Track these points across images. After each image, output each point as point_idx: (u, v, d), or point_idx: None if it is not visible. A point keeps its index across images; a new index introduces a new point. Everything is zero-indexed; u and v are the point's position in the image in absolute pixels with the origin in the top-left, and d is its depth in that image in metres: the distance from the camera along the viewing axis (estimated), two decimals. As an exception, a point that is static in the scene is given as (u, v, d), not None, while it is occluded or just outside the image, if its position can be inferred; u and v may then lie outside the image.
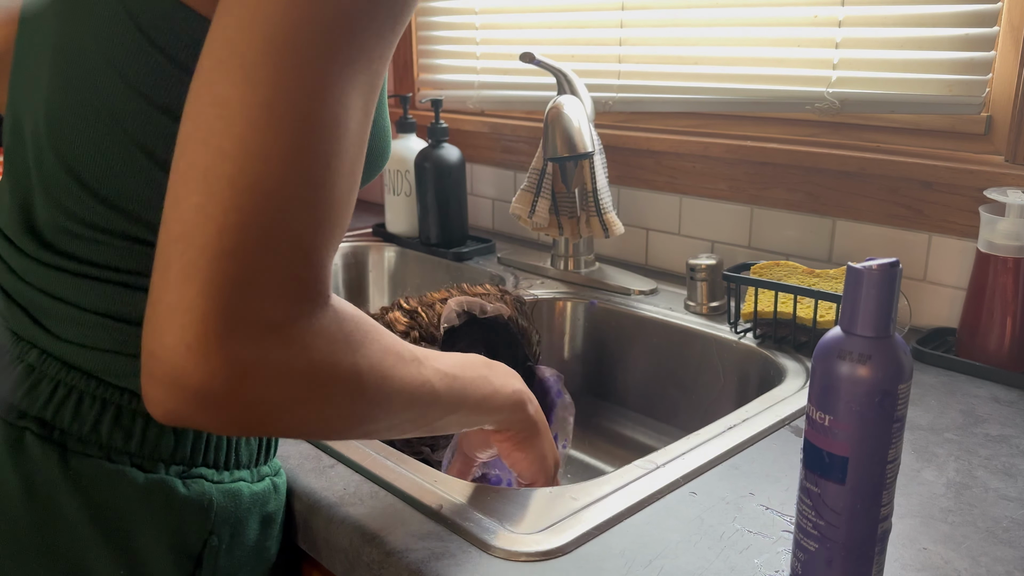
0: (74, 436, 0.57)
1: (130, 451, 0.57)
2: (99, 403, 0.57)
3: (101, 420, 0.57)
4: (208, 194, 0.40)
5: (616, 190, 1.32)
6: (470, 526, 0.61)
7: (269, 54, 0.40)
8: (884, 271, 0.48)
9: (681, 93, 1.23)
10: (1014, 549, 0.59)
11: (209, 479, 0.60)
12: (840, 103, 1.06)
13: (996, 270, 0.89)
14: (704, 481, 0.68)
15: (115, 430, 0.57)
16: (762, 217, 1.17)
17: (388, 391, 0.50)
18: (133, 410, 0.57)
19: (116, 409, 0.57)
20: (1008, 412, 0.81)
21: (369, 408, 0.49)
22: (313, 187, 0.42)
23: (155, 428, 0.58)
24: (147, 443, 0.57)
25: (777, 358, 0.95)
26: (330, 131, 0.42)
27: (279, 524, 0.66)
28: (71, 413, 0.57)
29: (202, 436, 0.60)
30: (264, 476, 0.65)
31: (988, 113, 0.97)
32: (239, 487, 0.62)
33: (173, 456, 0.58)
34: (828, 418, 0.51)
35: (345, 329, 0.46)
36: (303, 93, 0.41)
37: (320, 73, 0.41)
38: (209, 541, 0.60)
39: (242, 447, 0.63)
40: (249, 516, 0.62)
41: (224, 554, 0.61)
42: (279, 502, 0.66)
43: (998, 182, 0.94)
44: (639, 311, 1.11)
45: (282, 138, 0.41)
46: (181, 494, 0.58)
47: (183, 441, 0.59)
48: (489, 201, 1.55)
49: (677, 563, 0.57)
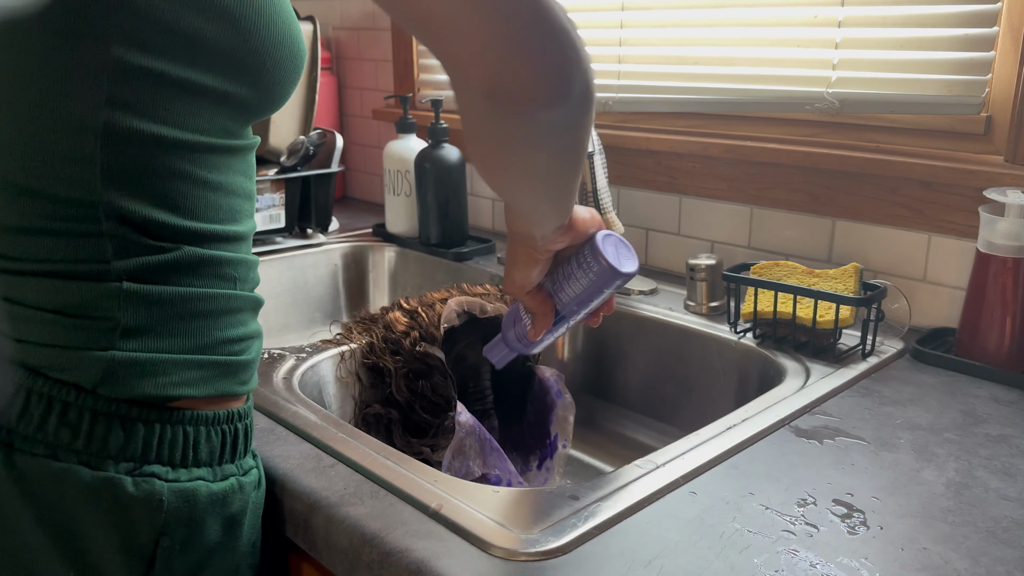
0: (20, 435, 0.56)
1: (77, 448, 0.56)
2: (45, 400, 0.56)
3: (47, 418, 0.56)
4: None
5: (616, 190, 1.32)
6: (470, 526, 0.61)
7: None
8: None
9: (681, 93, 1.22)
10: (1014, 549, 0.59)
11: (161, 477, 0.58)
12: (840, 103, 1.06)
13: (996, 270, 0.89)
14: (704, 481, 0.68)
15: (61, 427, 0.56)
16: (762, 217, 1.17)
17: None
18: (79, 406, 0.56)
19: (62, 406, 0.56)
20: (1008, 412, 0.81)
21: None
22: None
23: (102, 425, 0.56)
24: (94, 440, 0.56)
25: (777, 358, 0.95)
26: None
27: (247, 525, 0.64)
28: (18, 411, 0.56)
29: (154, 432, 0.58)
30: (228, 476, 0.62)
31: (988, 113, 0.97)
32: (195, 487, 0.60)
33: (123, 452, 0.57)
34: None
35: None
36: None
37: None
38: (161, 542, 0.58)
39: (201, 444, 0.60)
40: (206, 516, 0.60)
41: (179, 555, 0.59)
42: (244, 502, 0.64)
43: (998, 182, 0.94)
44: (639, 311, 1.11)
45: None
46: (129, 493, 0.56)
47: (133, 438, 0.57)
48: (489, 201, 1.55)
49: (677, 563, 0.57)
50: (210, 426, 0.61)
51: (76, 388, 0.56)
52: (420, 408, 0.89)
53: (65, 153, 0.55)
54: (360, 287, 1.47)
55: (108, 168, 0.55)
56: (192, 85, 0.56)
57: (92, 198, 0.55)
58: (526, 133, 0.48)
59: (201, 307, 0.59)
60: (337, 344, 0.98)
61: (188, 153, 0.57)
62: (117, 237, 0.56)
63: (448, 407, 0.88)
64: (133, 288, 0.57)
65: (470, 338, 0.97)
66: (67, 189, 0.55)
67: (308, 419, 0.79)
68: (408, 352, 0.91)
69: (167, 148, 0.56)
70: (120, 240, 0.56)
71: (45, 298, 0.57)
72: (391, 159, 1.44)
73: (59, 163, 0.55)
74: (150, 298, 0.57)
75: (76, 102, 0.53)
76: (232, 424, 0.63)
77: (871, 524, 0.62)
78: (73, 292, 0.56)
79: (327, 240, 1.45)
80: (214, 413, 0.61)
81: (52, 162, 0.55)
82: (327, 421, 0.79)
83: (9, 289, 0.58)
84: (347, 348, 0.97)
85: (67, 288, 0.56)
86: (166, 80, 0.55)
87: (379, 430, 0.91)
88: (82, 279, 0.56)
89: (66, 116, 0.54)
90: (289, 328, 1.36)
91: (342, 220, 1.59)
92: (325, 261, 1.42)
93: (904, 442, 0.75)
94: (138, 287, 0.57)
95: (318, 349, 0.98)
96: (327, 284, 1.43)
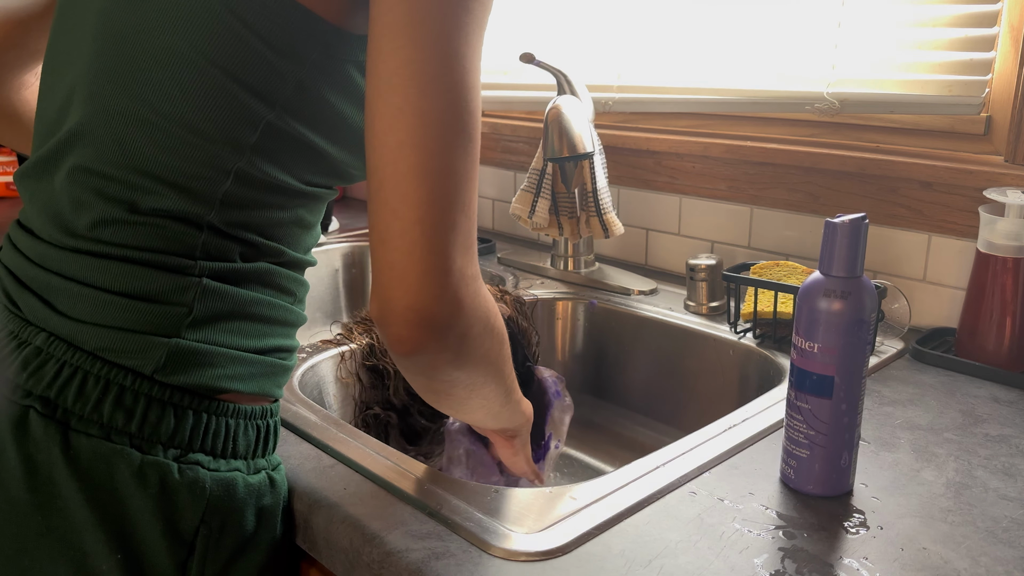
0: (76, 415, 0.58)
1: (130, 431, 0.58)
2: (102, 383, 0.58)
3: (103, 400, 0.58)
4: (411, 180, 0.52)
5: (616, 190, 1.32)
6: (470, 526, 0.61)
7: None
8: (855, 223, 0.61)
9: (681, 93, 1.23)
10: (1014, 549, 0.59)
11: (205, 466, 0.60)
12: (840, 103, 1.06)
13: (995, 270, 0.89)
14: (704, 481, 0.69)
15: (116, 410, 0.58)
16: (762, 217, 1.17)
17: (504, 340, 0.62)
18: (135, 391, 0.58)
19: (119, 389, 0.58)
20: (1008, 412, 0.81)
21: (502, 349, 0.62)
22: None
23: (156, 410, 0.58)
24: (147, 424, 0.58)
25: (777, 358, 0.95)
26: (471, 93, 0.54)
27: (277, 520, 0.66)
28: (75, 392, 0.58)
29: (201, 421, 0.60)
30: (260, 469, 0.65)
31: (988, 113, 0.97)
32: (234, 477, 0.62)
33: (172, 439, 0.59)
34: (816, 346, 0.63)
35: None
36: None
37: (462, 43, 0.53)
38: (201, 529, 0.60)
39: (239, 437, 0.63)
40: (245, 507, 0.63)
41: (216, 543, 0.61)
42: (276, 498, 0.66)
43: (997, 182, 0.94)
44: (639, 311, 1.11)
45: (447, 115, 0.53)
46: (175, 478, 0.59)
47: (182, 424, 0.59)
48: (489, 201, 1.55)
49: (677, 563, 0.57)
50: (248, 420, 0.64)
51: (133, 372, 0.58)
52: (418, 412, 0.90)
53: (196, 172, 0.58)
54: (360, 287, 1.47)
55: (227, 196, 0.59)
56: (321, 149, 0.62)
57: (202, 212, 0.59)
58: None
59: (264, 313, 0.63)
60: (337, 344, 0.98)
61: (296, 198, 0.64)
62: (209, 244, 0.60)
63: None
64: (212, 285, 0.60)
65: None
66: (185, 202, 0.58)
67: (308, 419, 0.79)
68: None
69: (282, 191, 0.62)
70: (211, 247, 0.60)
71: (122, 282, 0.58)
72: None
73: (187, 178, 0.58)
74: (224, 296, 0.60)
75: (225, 145, 0.58)
76: (265, 420, 0.66)
77: (871, 524, 0.62)
78: (154, 280, 0.58)
79: (327, 240, 1.45)
80: (251, 408, 0.64)
81: (180, 174, 0.58)
82: (327, 421, 0.79)
83: (82, 270, 0.59)
84: (347, 348, 0.97)
85: (149, 275, 0.58)
86: (303, 141, 0.61)
87: (379, 432, 0.91)
88: (167, 270, 0.59)
89: (211, 151, 0.58)
90: (289, 328, 1.36)
91: (342, 220, 1.59)
92: (325, 261, 1.42)
93: (904, 442, 0.75)
94: (216, 285, 0.60)
95: (318, 349, 0.98)
96: (327, 284, 1.43)
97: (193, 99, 0.57)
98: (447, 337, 0.54)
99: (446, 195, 0.52)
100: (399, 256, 0.52)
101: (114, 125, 0.58)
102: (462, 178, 0.53)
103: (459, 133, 0.53)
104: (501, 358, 0.63)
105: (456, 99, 0.53)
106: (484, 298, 0.57)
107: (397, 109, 0.52)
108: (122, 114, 0.58)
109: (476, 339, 0.57)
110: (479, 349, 0.58)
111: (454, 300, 0.53)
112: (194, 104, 0.57)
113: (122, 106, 0.58)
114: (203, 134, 0.57)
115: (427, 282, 0.52)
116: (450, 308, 0.53)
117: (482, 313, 0.57)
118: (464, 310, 0.54)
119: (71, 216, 0.60)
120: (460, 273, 0.54)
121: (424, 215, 0.52)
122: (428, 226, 0.52)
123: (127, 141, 0.58)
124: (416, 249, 0.52)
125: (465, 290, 0.54)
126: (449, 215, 0.53)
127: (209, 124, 0.57)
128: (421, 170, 0.52)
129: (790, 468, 0.67)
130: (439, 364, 0.56)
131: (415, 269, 0.52)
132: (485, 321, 0.57)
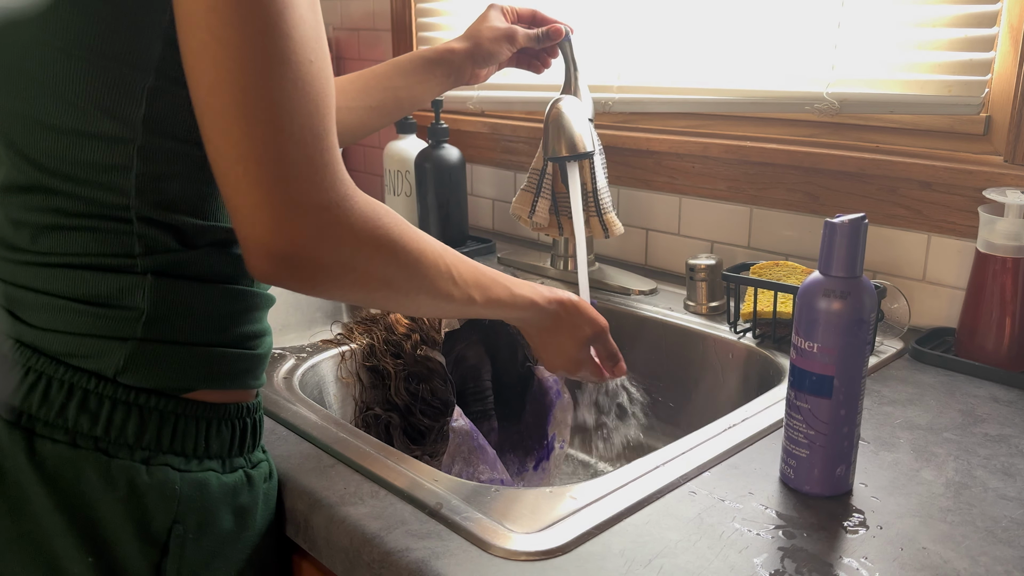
0: (41, 421, 0.57)
1: (95, 435, 0.58)
2: (66, 388, 0.58)
3: (68, 404, 0.58)
4: (244, 123, 0.51)
5: (616, 190, 1.32)
6: (470, 526, 0.61)
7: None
8: (854, 223, 0.61)
9: (681, 93, 1.23)
10: (1013, 549, 0.60)
11: (175, 467, 0.60)
12: (839, 103, 1.06)
13: (995, 270, 0.89)
14: (704, 481, 0.69)
15: (81, 414, 0.57)
16: (761, 217, 1.17)
17: (417, 256, 0.60)
18: (99, 394, 0.58)
19: (83, 393, 0.58)
20: (1007, 412, 0.81)
21: (401, 270, 0.59)
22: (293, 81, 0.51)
23: (120, 413, 0.58)
24: (112, 427, 0.58)
25: (777, 358, 0.95)
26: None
27: (258, 518, 0.66)
28: (39, 398, 0.58)
29: (168, 422, 0.60)
30: (237, 468, 0.64)
31: (987, 113, 0.97)
32: (207, 477, 0.61)
33: (139, 441, 0.59)
34: (815, 345, 0.63)
35: (376, 207, 0.57)
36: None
37: None
38: (174, 530, 0.60)
39: (212, 437, 0.62)
40: (219, 507, 0.62)
41: (191, 543, 0.61)
42: (254, 495, 0.65)
43: (997, 182, 0.94)
44: (639, 311, 1.11)
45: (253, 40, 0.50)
46: (144, 481, 0.58)
47: (148, 426, 0.59)
48: (489, 201, 1.55)
49: (677, 562, 0.57)
50: (221, 419, 0.63)
51: (97, 376, 0.58)
52: (420, 412, 0.90)
53: (101, 162, 0.57)
54: (360, 287, 1.47)
55: (140, 179, 0.58)
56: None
57: (124, 202, 0.58)
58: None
59: (221, 300, 0.62)
60: (338, 344, 0.99)
61: (206, 163, 0.59)
62: (145, 236, 0.59)
63: (447, 411, 0.88)
64: (160, 281, 0.59)
65: (470, 338, 0.97)
66: (104, 195, 0.57)
67: (308, 419, 0.79)
68: (409, 355, 0.91)
69: (189, 159, 0.59)
70: (148, 239, 0.59)
71: (73, 288, 0.58)
72: (391, 159, 1.44)
73: (96, 171, 0.57)
74: (175, 289, 0.60)
75: (118, 124, 0.56)
76: (242, 419, 0.65)
77: (871, 524, 0.62)
78: (101, 283, 0.58)
79: (327, 240, 1.45)
80: (225, 407, 0.63)
81: (88, 168, 0.57)
82: (327, 421, 0.79)
83: (35, 280, 0.59)
84: (348, 348, 0.97)
85: (95, 279, 0.58)
86: (189, 100, 0.58)
87: (379, 432, 0.91)
88: (110, 271, 0.58)
89: (107, 134, 0.57)
90: (289, 328, 1.36)
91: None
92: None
93: (903, 442, 0.75)
94: (164, 280, 0.59)
95: (318, 349, 0.98)
96: (327, 284, 1.43)
97: (71, 86, 0.55)
98: (299, 268, 0.53)
99: (267, 129, 0.50)
100: (231, 192, 0.52)
101: (10, 133, 0.58)
102: (285, 108, 0.51)
103: (275, 61, 0.50)
104: (407, 274, 0.60)
105: (267, 24, 0.50)
106: (348, 226, 0.54)
107: (203, 44, 0.50)
108: (12, 118, 0.58)
109: (345, 264, 0.55)
110: (360, 273, 0.56)
111: (292, 232, 0.51)
112: (74, 90, 0.55)
113: (11, 108, 0.58)
114: (92, 119, 0.56)
115: (261, 217, 0.51)
116: (288, 240, 0.52)
117: (349, 238, 0.54)
118: (308, 241, 0.52)
119: (12, 235, 0.60)
120: (296, 204, 0.51)
121: (246, 152, 0.50)
122: (251, 162, 0.50)
123: (27, 147, 0.57)
124: (242, 186, 0.51)
125: (303, 220, 0.52)
126: (271, 149, 0.50)
127: (92, 106, 0.55)
128: (235, 107, 0.50)
129: (790, 468, 0.67)
130: (307, 289, 0.55)
131: (246, 203, 0.51)
132: (355, 245, 0.55)
